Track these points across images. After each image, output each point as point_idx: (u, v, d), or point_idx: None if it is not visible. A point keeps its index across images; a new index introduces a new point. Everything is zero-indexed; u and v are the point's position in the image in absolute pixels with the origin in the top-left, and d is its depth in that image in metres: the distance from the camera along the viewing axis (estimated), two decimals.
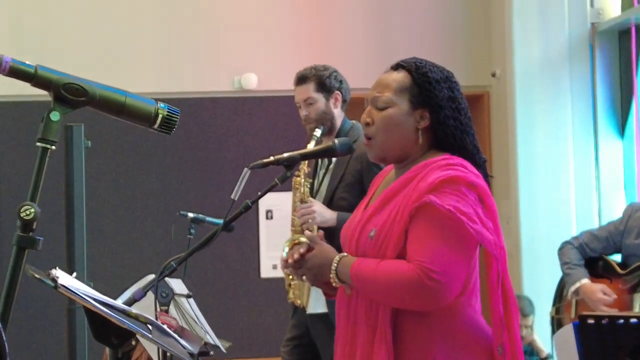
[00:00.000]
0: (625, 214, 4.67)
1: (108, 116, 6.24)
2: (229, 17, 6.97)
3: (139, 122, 1.85)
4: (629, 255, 4.59)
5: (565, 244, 4.82)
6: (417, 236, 2.47)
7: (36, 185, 1.76)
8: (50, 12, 6.81)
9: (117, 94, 1.83)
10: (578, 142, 6.53)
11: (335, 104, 4.31)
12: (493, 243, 2.49)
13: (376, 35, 6.98)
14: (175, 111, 1.83)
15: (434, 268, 2.42)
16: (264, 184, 2.66)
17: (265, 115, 6.94)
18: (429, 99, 2.57)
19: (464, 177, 2.50)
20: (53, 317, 6.47)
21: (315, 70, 4.34)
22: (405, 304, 2.48)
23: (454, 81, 2.62)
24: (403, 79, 2.60)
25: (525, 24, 6.56)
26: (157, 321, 2.19)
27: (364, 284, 2.50)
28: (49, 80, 1.83)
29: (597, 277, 4.69)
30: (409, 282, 2.43)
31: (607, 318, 3.28)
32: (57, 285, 2.06)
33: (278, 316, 6.54)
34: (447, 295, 2.45)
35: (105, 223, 6.68)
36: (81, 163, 4.44)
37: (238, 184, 2.55)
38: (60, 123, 1.74)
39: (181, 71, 6.86)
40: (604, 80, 6.53)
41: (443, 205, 2.45)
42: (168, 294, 2.55)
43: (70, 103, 1.82)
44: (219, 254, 6.81)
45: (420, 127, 2.57)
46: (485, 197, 2.53)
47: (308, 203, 4.17)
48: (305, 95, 4.31)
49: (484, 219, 2.49)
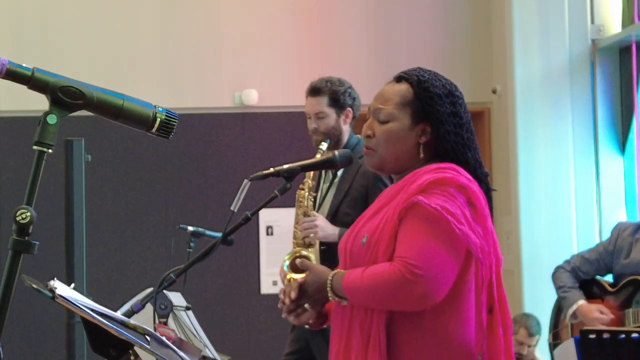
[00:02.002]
0: (614, 234, 4.67)
1: (108, 131, 6.23)
2: (230, 34, 6.98)
3: (136, 126, 1.84)
4: (619, 275, 4.60)
5: (558, 269, 4.84)
6: (403, 236, 2.48)
7: (32, 189, 1.75)
8: (50, 32, 6.82)
9: (115, 97, 1.82)
10: (579, 159, 6.52)
11: (345, 120, 4.28)
12: (479, 246, 2.48)
13: (377, 51, 6.98)
14: (173, 115, 1.81)
15: (415, 263, 2.42)
16: (264, 197, 2.66)
17: (266, 131, 6.94)
18: (430, 114, 2.56)
19: (453, 179, 2.50)
20: (52, 331, 6.44)
21: (330, 84, 4.29)
22: (392, 302, 2.48)
23: (456, 95, 2.60)
24: (405, 93, 2.60)
25: (525, 40, 6.56)
26: (156, 333, 2.17)
27: (355, 293, 2.51)
28: (46, 82, 1.81)
29: (590, 298, 4.69)
30: (391, 279, 2.43)
31: (609, 333, 3.28)
32: (55, 295, 2.05)
33: (278, 332, 6.52)
34: (431, 290, 2.43)
35: (104, 237, 6.67)
36: (81, 177, 4.44)
37: (238, 195, 2.55)
38: (57, 126, 1.73)
39: (182, 87, 6.87)
40: (605, 97, 6.53)
41: (430, 204, 2.45)
42: (167, 306, 2.54)
43: (67, 106, 1.80)
44: (219, 270, 6.79)
45: (421, 141, 2.57)
46: (476, 201, 2.52)
47: (311, 217, 4.15)
48: (318, 108, 4.26)
49: (471, 222, 2.49)
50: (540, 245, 6.45)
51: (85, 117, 7.33)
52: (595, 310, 4.56)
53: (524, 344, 5.56)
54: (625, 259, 4.54)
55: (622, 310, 4.55)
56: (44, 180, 6.09)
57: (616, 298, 4.59)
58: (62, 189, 4.49)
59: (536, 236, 6.47)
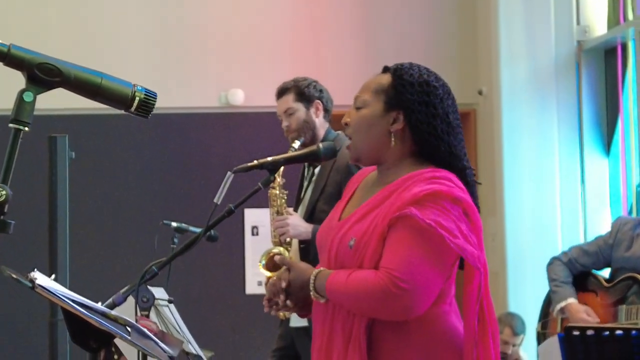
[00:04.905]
0: (614, 228, 4.65)
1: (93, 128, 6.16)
2: (216, 33, 6.97)
3: (115, 105, 1.82)
4: (617, 268, 4.58)
5: (554, 260, 4.79)
6: (391, 245, 2.45)
7: (8, 167, 1.73)
8: (33, 29, 6.80)
9: (93, 75, 1.80)
10: (564, 160, 6.53)
11: (316, 113, 4.29)
12: (477, 257, 2.45)
13: (364, 52, 6.98)
14: (152, 94, 1.80)
15: (400, 276, 2.39)
16: (248, 192, 2.64)
17: (252, 131, 6.93)
18: (402, 102, 2.54)
19: (448, 192, 2.46)
20: (35, 330, 6.41)
21: (294, 81, 4.34)
22: (375, 313, 2.46)
23: (433, 85, 2.55)
24: (382, 81, 2.60)
25: (511, 41, 6.57)
26: (137, 324, 2.16)
27: (338, 296, 2.49)
28: (22, 59, 1.79)
29: (584, 292, 4.67)
30: (375, 290, 2.41)
31: (593, 330, 3.28)
32: (35, 285, 2.04)
33: (263, 332, 6.50)
34: (415, 304, 2.41)
35: (88, 234, 6.65)
36: (65, 174, 4.41)
37: (221, 187, 2.54)
38: (34, 104, 1.71)
39: (168, 86, 6.85)
40: (590, 98, 6.54)
41: (424, 219, 2.41)
42: (149, 299, 2.52)
43: (44, 83, 1.77)
44: (204, 270, 6.78)
45: (392, 129, 2.54)
46: (471, 213, 2.49)
47: (284, 215, 4.14)
48: (285, 106, 4.30)
49: (466, 233, 2.45)
50: (525, 246, 6.45)
51: (70, 114, 7.28)
52: (583, 312, 4.55)
53: (508, 343, 5.57)
54: (627, 252, 4.52)
55: (616, 307, 4.54)
56: (28, 177, 6.06)
57: (610, 293, 4.58)
58: (46, 186, 4.46)
59: (521, 237, 6.48)
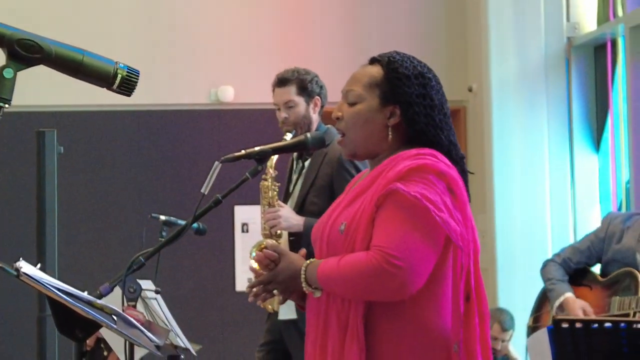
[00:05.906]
0: (605, 222, 4.68)
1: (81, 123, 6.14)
2: (206, 30, 6.96)
3: (97, 83, 1.80)
4: (609, 261, 4.60)
5: (548, 262, 4.82)
6: (380, 223, 2.43)
7: None
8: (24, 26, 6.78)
9: (75, 52, 1.78)
10: (554, 156, 6.54)
11: (314, 109, 4.27)
12: (459, 234, 2.44)
13: (353, 48, 6.97)
14: (135, 72, 1.79)
15: (393, 253, 2.38)
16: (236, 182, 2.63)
17: (242, 128, 6.92)
18: (399, 96, 2.52)
19: (432, 165, 2.45)
20: (23, 326, 6.39)
21: (297, 73, 4.29)
22: (371, 294, 2.43)
23: (428, 77, 2.56)
24: (374, 74, 2.56)
25: (501, 38, 6.58)
26: (123, 313, 2.14)
27: (331, 283, 2.46)
28: (2, 35, 1.77)
29: (578, 286, 4.69)
30: (368, 269, 2.38)
31: (581, 322, 3.27)
32: (20, 274, 2.02)
33: (253, 329, 6.49)
34: (410, 281, 2.39)
35: (77, 228, 6.64)
36: (53, 169, 4.39)
37: (208, 177, 2.52)
38: (14, 80, 1.69)
39: (157, 83, 6.83)
40: (580, 95, 6.55)
41: (409, 192, 2.40)
42: (136, 289, 2.51)
43: (24, 60, 1.75)
44: (194, 267, 6.77)
45: (390, 124, 2.53)
46: (455, 187, 2.48)
47: (275, 207, 4.12)
48: (287, 97, 4.25)
49: (451, 208, 2.44)
50: (515, 243, 6.46)
51: (59, 111, 7.25)
52: (578, 308, 4.56)
53: (497, 339, 5.57)
54: (617, 244, 4.54)
55: (609, 298, 4.55)
56: (17, 172, 6.05)
57: (605, 287, 4.59)
58: (34, 180, 4.45)
59: (511, 234, 6.48)
